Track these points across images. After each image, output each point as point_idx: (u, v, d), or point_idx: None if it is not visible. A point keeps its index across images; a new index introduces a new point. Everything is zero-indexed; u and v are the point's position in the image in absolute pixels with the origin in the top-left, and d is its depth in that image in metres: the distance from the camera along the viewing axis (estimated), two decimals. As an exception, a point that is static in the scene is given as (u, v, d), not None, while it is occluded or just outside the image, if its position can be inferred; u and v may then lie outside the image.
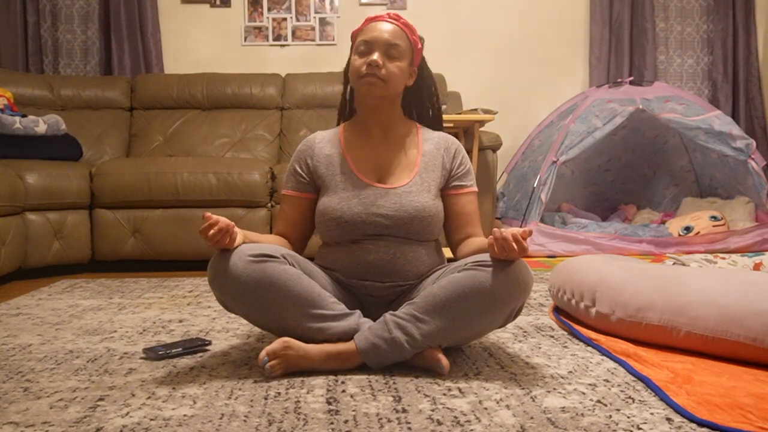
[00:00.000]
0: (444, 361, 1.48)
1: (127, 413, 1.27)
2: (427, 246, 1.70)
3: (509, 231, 1.43)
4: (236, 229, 1.52)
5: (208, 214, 1.46)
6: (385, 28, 1.67)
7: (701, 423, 1.18)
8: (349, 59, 1.75)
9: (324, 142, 1.77)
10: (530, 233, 1.41)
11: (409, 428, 1.18)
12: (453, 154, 1.76)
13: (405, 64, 1.68)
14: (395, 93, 1.71)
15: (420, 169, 1.70)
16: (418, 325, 1.47)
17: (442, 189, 1.73)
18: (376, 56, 1.63)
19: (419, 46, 1.73)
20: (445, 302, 1.47)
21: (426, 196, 1.67)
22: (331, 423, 1.21)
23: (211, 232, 1.45)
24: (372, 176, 1.70)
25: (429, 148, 1.74)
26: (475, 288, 1.46)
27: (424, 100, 1.82)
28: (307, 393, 1.37)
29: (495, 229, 1.44)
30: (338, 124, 1.84)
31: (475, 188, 1.77)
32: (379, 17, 1.70)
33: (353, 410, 1.27)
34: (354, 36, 1.74)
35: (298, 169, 1.76)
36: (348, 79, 1.80)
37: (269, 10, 4.33)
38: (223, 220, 1.48)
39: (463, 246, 1.72)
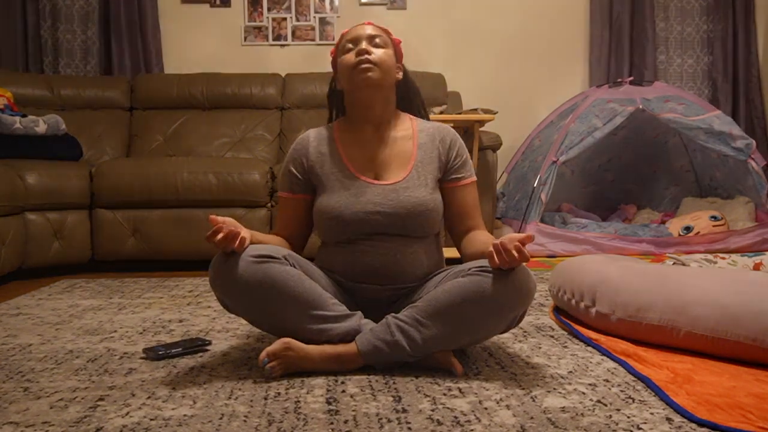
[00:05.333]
0: (457, 365, 1.48)
1: (127, 413, 1.27)
2: (427, 244, 1.69)
3: (509, 239, 1.41)
4: (244, 231, 1.51)
5: (213, 216, 1.45)
6: (365, 27, 1.73)
7: (701, 423, 1.18)
8: (332, 83, 1.82)
9: (318, 140, 1.76)
10: (532, 239, 1.39)
11: (409, 428, 1.18)
12: (448, 145, 1.73)
13: (391, 52, 1.71)
14: (389, 83, 1.71)
15: (416, 162, 1.69)
16: (420, 329, 1.47)
17: (439, 181, 1.72)
18: (363, 45, 1.67)
19: (399, 45, 1.77)
20: (448, 307, 1.46)
21: (423, 190, 1.66)
22: (331, 423, 1.21)
23: (218, 238, 1.44)
24: (368, 173, 1.69)
25: (424, 140, 1.73)
26: (478, 294, 1.45)
27: (411, 97, 1.83)
28: (307, 393, 1.37)
29: (494, 242, 1.43)
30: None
31: (473, 178, 1.75)
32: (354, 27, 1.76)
33: (353, 410, 1.27)
34: (334, 55, 1.79)
35: (293, 170, 1.74)
36: (332, 103, 1.86)
37: (269, 10, 4.33)
38: (229, 223, 1.47)
39: (467, 241, 1.70)
